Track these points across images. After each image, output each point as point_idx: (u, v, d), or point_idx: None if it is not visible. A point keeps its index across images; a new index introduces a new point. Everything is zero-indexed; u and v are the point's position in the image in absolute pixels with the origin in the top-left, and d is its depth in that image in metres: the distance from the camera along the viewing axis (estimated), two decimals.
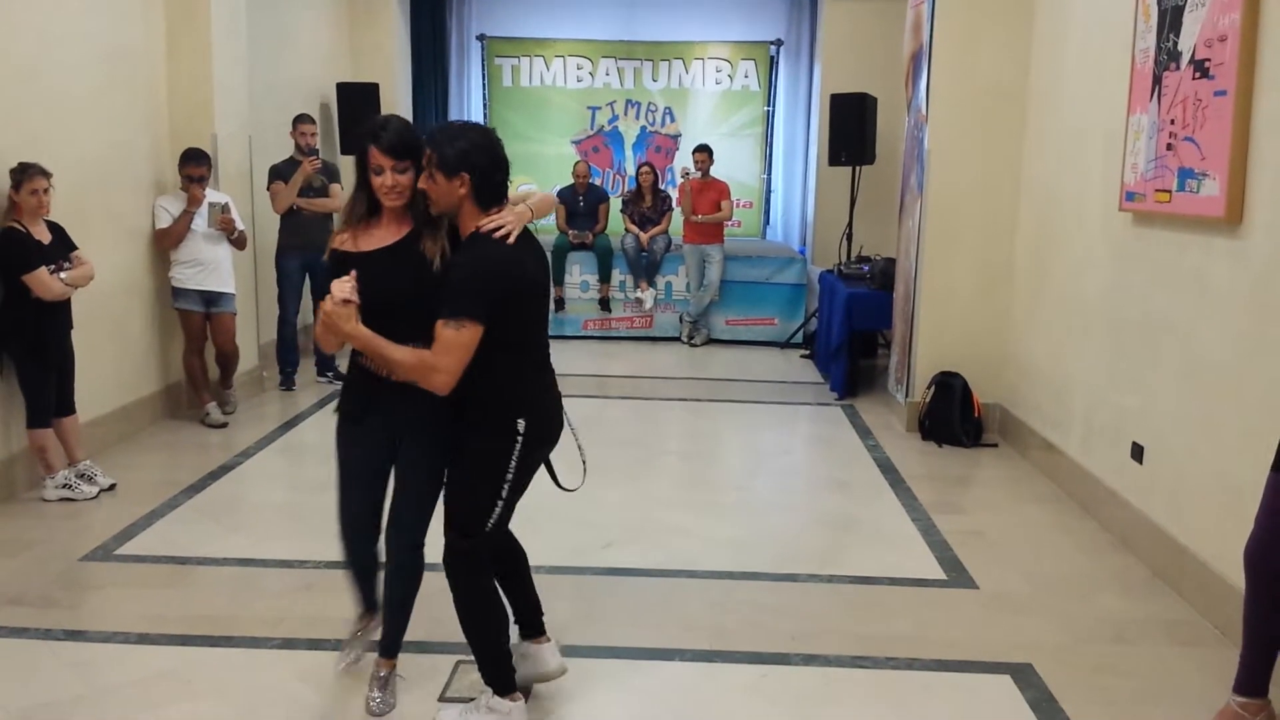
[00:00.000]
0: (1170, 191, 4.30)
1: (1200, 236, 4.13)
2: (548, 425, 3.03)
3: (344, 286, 2.82)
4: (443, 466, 3.06)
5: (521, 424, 2.91)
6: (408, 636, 3.34)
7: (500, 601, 3.10)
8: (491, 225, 2.84)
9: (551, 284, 3.13)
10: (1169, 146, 4.31)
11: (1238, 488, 3.73)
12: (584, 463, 3.20)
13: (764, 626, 3.86)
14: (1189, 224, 4.22)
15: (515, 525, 3.21)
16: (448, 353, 2.76)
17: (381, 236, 3.00)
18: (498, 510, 2.96)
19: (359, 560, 3.31)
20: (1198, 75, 4.08)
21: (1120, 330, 4.87)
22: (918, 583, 4.34)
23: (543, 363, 3.07)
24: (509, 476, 2.93)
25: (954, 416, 6.38)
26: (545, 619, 3.32)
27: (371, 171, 2.94)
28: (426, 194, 2.88)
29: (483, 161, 2.83)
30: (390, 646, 3.26)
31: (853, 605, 4.09)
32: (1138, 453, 4.64)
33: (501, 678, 3.06)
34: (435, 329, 2.76)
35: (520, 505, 3.11)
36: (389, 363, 2.86)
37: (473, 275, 2.80)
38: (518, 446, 2.91)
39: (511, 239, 2.84)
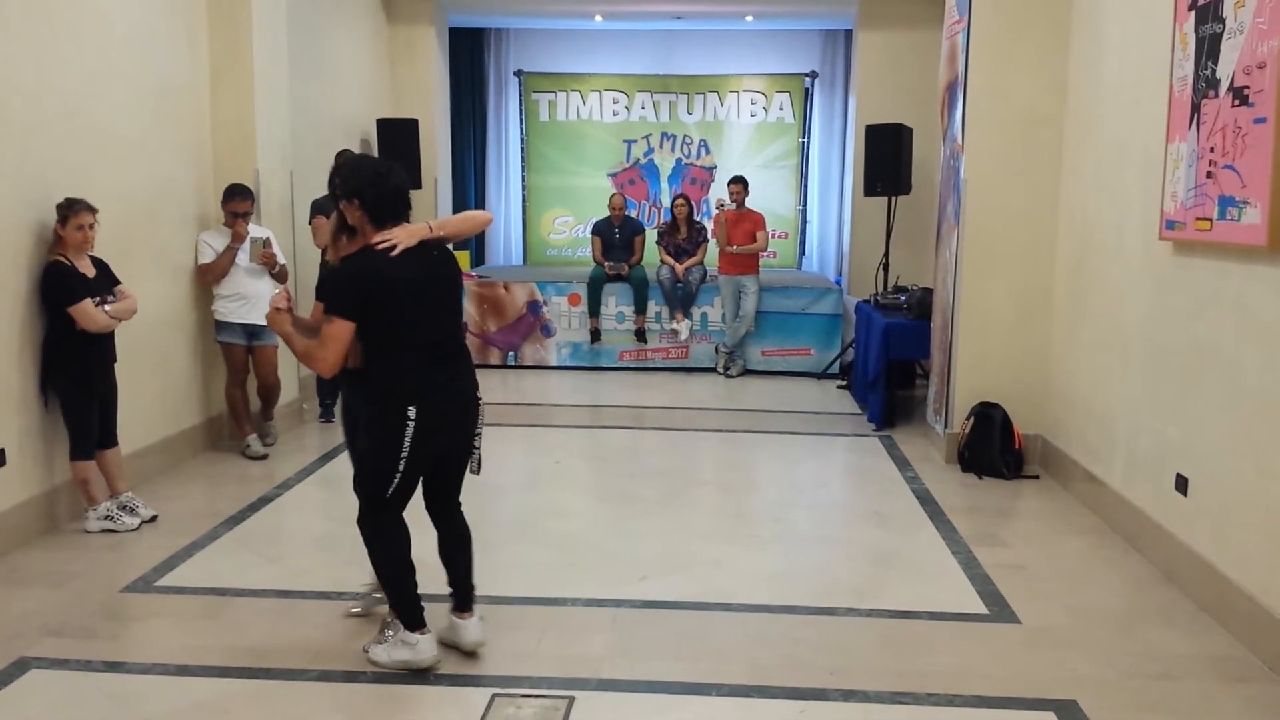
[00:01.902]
0: (1211, 220, 4.25)
1: (1242, 265, 4.08)
2: (438, 415, 3.48)
3: (278, 297, 3.62)
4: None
5: (412, 411, 3.41)
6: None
7: (405, 551, 3.64)
8: (379, 239, 3.41)
9: (455, 288, 3.65)
10: (1209, 174, 4.27)
11: None
12: (478, 460, 3.71)
13: (802, 661, 3.83)
14: (1230, 252, 4.17)
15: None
16: (323, 344, 3.37)
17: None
18: (395, 481, 3.51)
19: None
20: (1237, 103, 4.05)
21: (1162, 360, 4.81)
22: (958, 617, 4.28)
23: (439, 359, 3.50)
24: (404, 454, 3.45)
25: (994, 448, 6.31)
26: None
27: None
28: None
29: (367, 188, 3.44)
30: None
31: (892, 640, 4.05)
32: (1181, 484, 4.58)
33: (408, 615, 3.64)
34: None
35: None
36: (293, 351, 3.50)
37: (337, 279, 3.44)
38: (409, 429, 3.41)
39: (395, 251, 3.37)
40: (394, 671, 3.66)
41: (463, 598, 3.80)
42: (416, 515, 3.73)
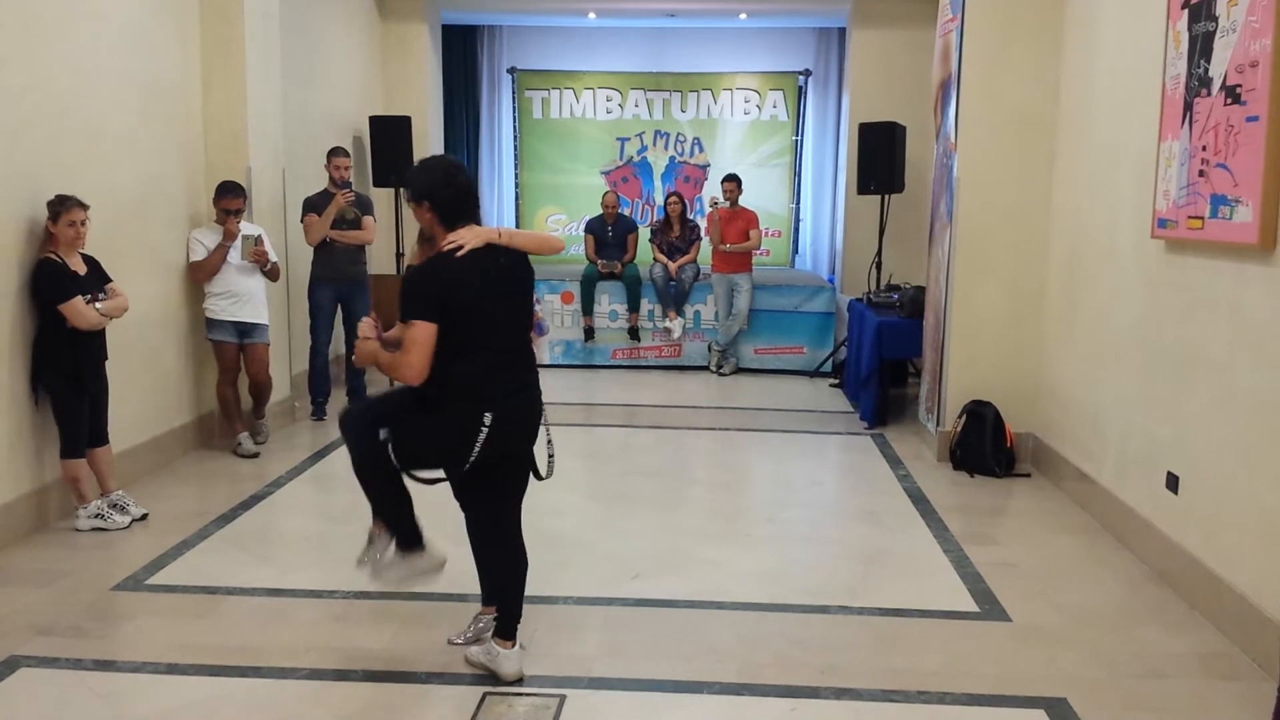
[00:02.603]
0: (1203, 218, 4.26)
1: (1234, 263, 4.09)
2: (510, 421, 3.43)
3: (365, 325, 3.57)
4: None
5: (488, 418, 3.34)
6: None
7: (399, 489, 3.53)
8: (447, 241, 3.37)
9: (524, 295, 3.58)
10: (1201, 173, 4.28)
11: (1275, 518, 3.67)
12: (551, 458, 3.64)
13: (794, 659, 3.83)
14: (1222, 251, 4.17)
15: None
16: (407, 349, 3.30)
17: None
18: (427, 472, 3.52)
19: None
20: (1229, 101, 4.06)
21: (1154, 358, 4.82)
22: (950, 615, 4.29)
23: (512, 364, 3.47)
24: (472, 458, 3.38)
25: (986, 446, 6.32)
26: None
27: None
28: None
29: (439, 189, 3.40)
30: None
31: (884, 638, 4.05)
32: (1173, 483, 4.58)
33: (408, 539, 3.59)
34: None
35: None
36: (381, 367, 3.44)
37: (412, 282, 3.38)
38: (482, 434, 3.34)
39: (461, 252, 3.32)
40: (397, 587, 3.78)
41: (506, 624, 3.61)
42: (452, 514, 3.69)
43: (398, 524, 3.57)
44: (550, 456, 3.64)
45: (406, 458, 3.45)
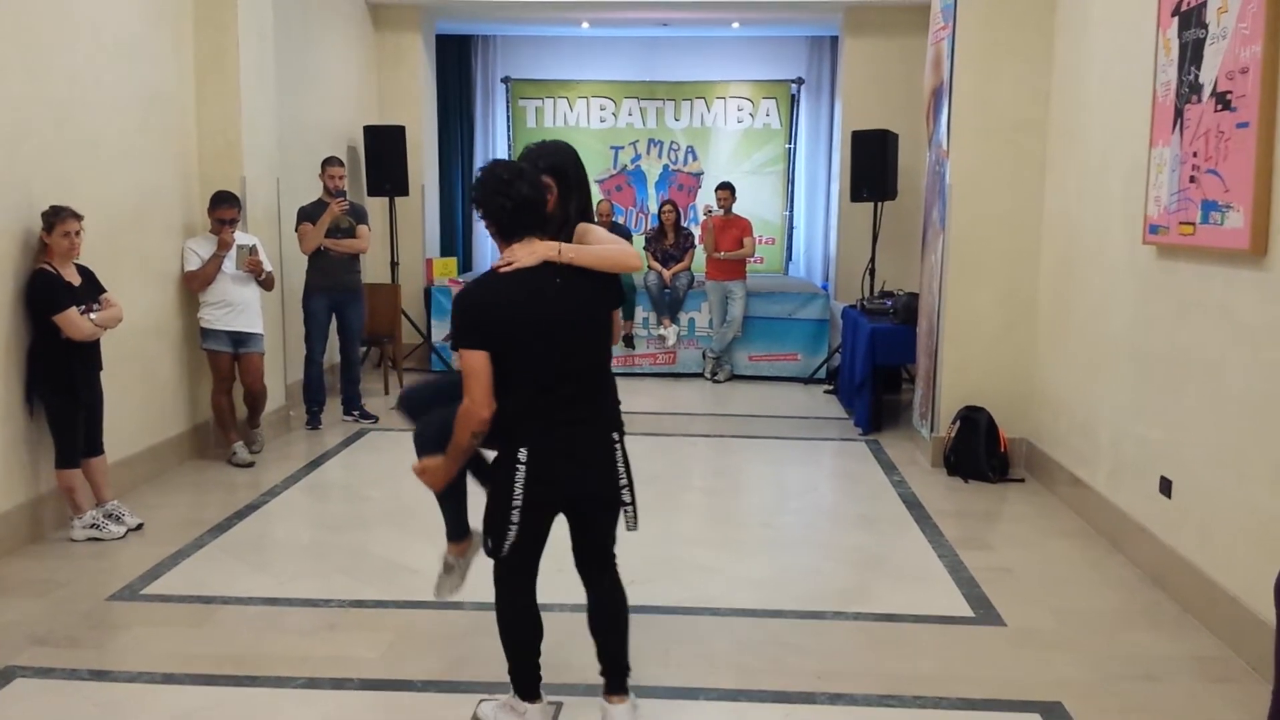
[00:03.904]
0: (1194, 224, 4.28)
1: (1225, 269, 4.11)
2: (556, 459, 3.07)
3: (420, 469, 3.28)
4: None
5: (523, 454, 3.02)
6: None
7: (525, 620, 3.27)
8: (501, 260, 3.06)
9: (587, 319, 3.14)
10: (1192, 179, 4.30)
11: (1268, 521, 3.69)
12: (628, 506, 3.29)
13: (789, 665, 3.83)
14: (1213, 256, 4.20)
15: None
16: (466, 387, 2.98)
17: None
18: (511, 534, 3.08)
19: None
20: (1220, 108, 4.08)
21: (1146, 363, 4.84)
22: (944, 620, 4.30)
23: (563, 397, 3.07)
24: (515, 502, 3.04)
25: (979, 451, 6.34)
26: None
27: None
28: None
29: (489, 198, 3.04)
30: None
31: (879, 643, 4.06)
32: (1166, 487, 4.60)
33: (518, 683, 3.30)
34: None
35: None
36: (456, 442, 3.07)
37: (455, 305, 3.06)
38: (519, 474, 3.02)
39: (509, 268, 3.00)
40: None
41: (615, 678, 3.34)
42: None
43: (455, 516, 3.51)
44: (626, 504, 3.27)
45: (489, 530, 3.17)
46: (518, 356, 3.00)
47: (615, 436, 3.22)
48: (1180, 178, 4.41)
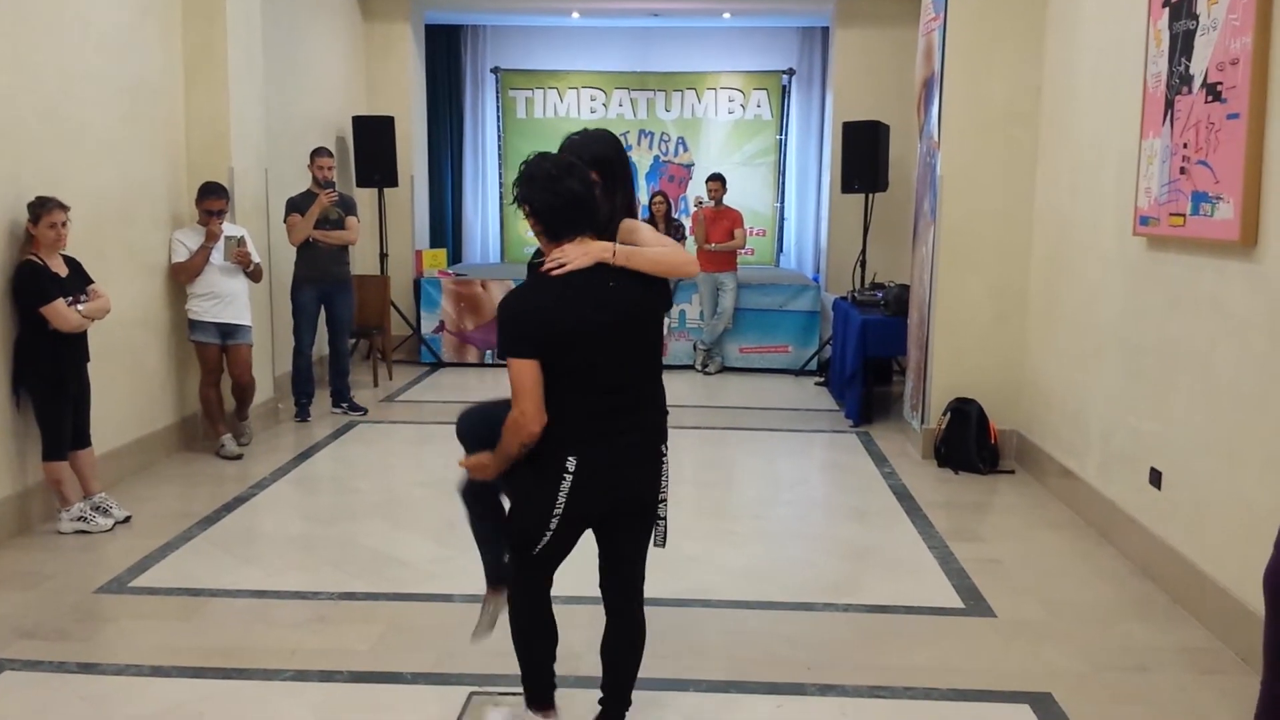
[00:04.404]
0: (1184, 215, 4.28)
1: (1215, 260, 4.11)
2: (604, 470, 2.89)
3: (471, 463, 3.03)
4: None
5: (572, 463, 2.84)
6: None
7: (542, 627, 3.14)
8: (549, 260, 2.85)
9: (641, 325, 2.95)
10: (1182, 170, 4.30)
11: (1258, 512, 3.69)
12: (660, 521, 3.10)
13: (780, 656, 3.83)
14: (1203, 247, 4.20)
15: None
16: (516, 397, 2.81)
17: None
18: (545, 539, 2.94)
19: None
20: (1210, 99, 4.08)
21: (1136, 355, 4.85)
22: (935, 611, 4.30)
23: (613, 406, 2.90)
24: (557, 510, 2.88)
25: (970, 443, 6.34)
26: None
27: None
28: None
29: (537, 194, 2.84)
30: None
31: (869, 635, 4.06)
32: (1156, 478, 4.61)
33: (530, 689, 3.17)
34: None
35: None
36: (503, 449, 2.90)
37: (502, 311, 2.89)
38: (565, 483, 2.85)
39: (560, 270, 2.80)
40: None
41: (615, 709, 3.18)
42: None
43: (492, 552, 3.30)
44: (660, 519, 3.09)
45: (521, 533, 3.03)
46: (570, 364, 2.82)
47: (663, 449, 3.03)
48: (1171, 169, 4.41)
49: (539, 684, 3.17)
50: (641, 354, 2.97)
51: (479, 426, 2.94)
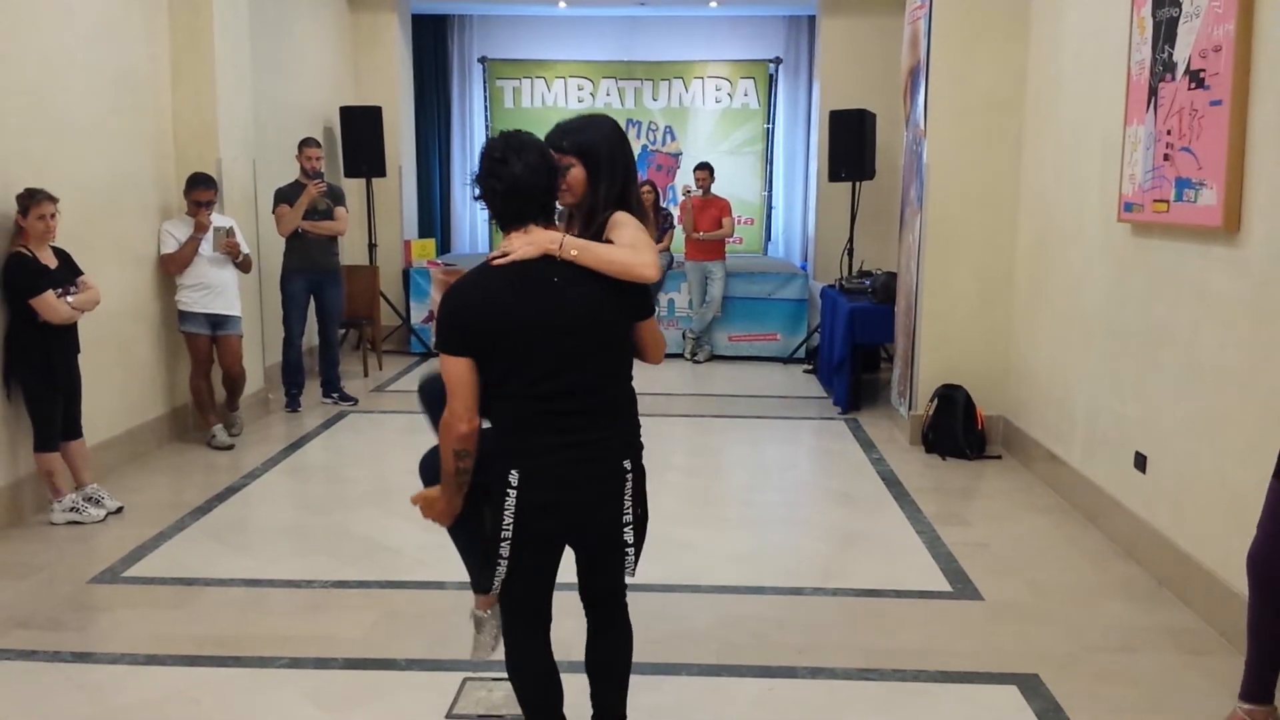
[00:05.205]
0: (1168, 201, 4.32)
1: (1199, 245, 4.15)
2: (553, 487, 2.62)
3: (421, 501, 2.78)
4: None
5: (514, 476, 2.59)
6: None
7: (537, 677, 2.83)
8: (496, 251, 2.64)
9: (591, 324, 2.64)
10: (1166, 157, 4.34)
11: (1241, 495, 3.74)
12: (629, 549, 2.77)
13: (770, 640, 3.87)
14: (1187, 233, 4.24)
15: None
16: (447, 391, 2.60)
17: None
18: (501, 569, 2.66)
19: None
20: (1193, 86, 4.12)
21: (1121, 340, 4.89)
22: (923, 595, 4.35)
23: (560, 413, 2.61)
24: (505, 534, 2.62)
25: (957, 429, 6.39)
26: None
27: None
28: None
29: (485, 181, 2.64)
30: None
31: (858, 618, 4.10)
32: (1140, 462, 4.65)
33: None
34: None
35: None
36: (446, 464, 2.67)
37: (440, 304, 2.66)
38: (509, 500, 2.59)
39: (502, 261, 2.58)
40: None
41: None
42: None
43: (475, 562, 2.94)
44: (628, 546, 2.76)
45: (479, 566, 2.83)
46: (506, 364, 2.58)
47: (626, 465, 2.70)
48: (1154, 155, 4.45)
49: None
50: (594, 359, 2.65)
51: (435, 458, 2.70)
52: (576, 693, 2.92)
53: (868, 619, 4.09)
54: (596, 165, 2.83)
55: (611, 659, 2.94)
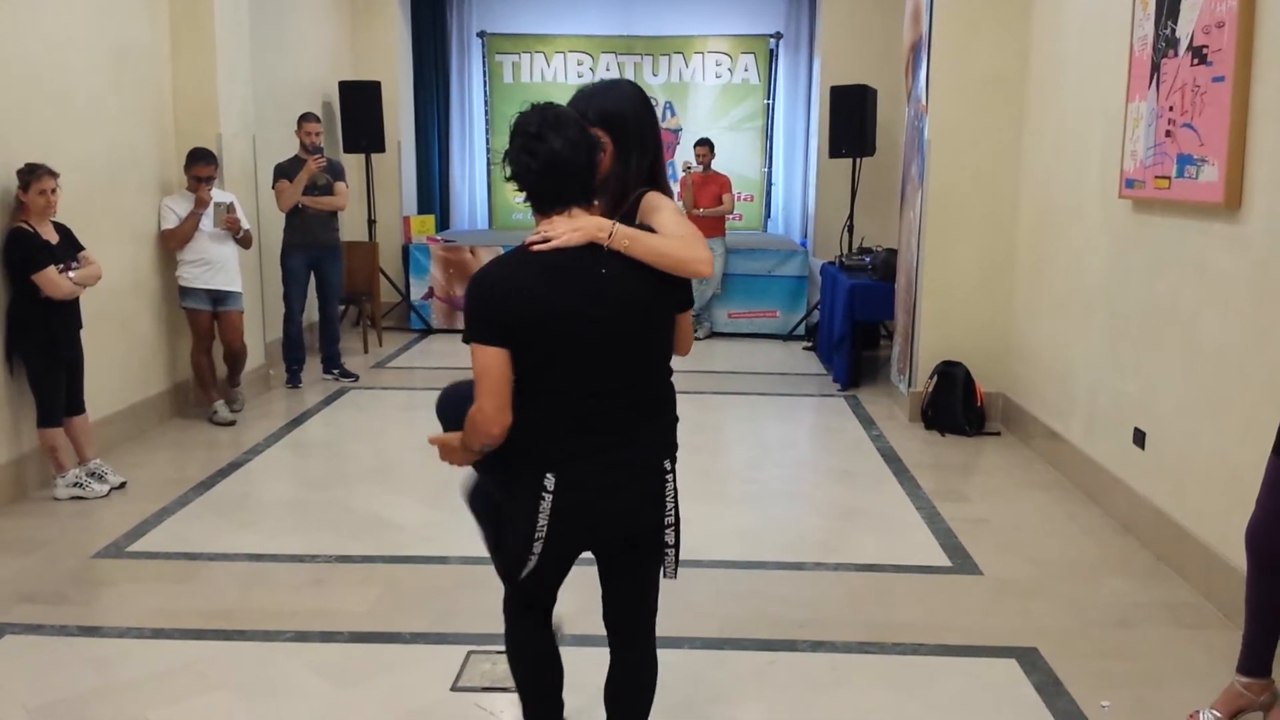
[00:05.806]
0: (1169, 178, 4.32)
1: (1200, 222, 4.16)
2: (590, 491, 2.47)
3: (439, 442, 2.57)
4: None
5: (550, 480, 2.42)
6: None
7: (541, 662, 2.78)
8: (533, 235, 2.39)
9: (635, 320, 2.45)
10: (1168, 133, 4.34)
11: (1240, 471, 3.76)
12: (670, 550, 2.69)
13: (771, 615, 3.90)
14: (1188, 210, 4.24)
15: None
16: (476, 390, 2.38)
17: None
18: (531, 564, 2.51)
19: None
20: (1196, 62, 4.11)
21: (1121, 317, 4.90)
22: (923, 570, 4.37)
23: (599, 413, 2.45)
24: (539, 535, 2.45)
25: (956, 405, 6.41)
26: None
27: None
28: None
29: (519, 158, 2.39)
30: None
31: (859, 593, 4.13)
32: (1140, 438, 4.68)
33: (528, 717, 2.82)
34: None
35: None
36: (465, 443, 2.48)
37: (469, 289, 2.43)
38: (545, 503, 2.42)
39: (544, 247, 2.34)
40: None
41: None
42: None
43: (529, 705, 2.82)
44: (669, 548, 2.65)
45: (505, 556, 2.64)
46: (544, 359, 2.38)
47: (667, 465, 2.61)
48: (1156, 132, 4.44)
49: (540, 714, 2.80)
50: (638, 355, 2.49)
51: (463, 406, 2.44)
52: (576, 673, 2.91)
53: (868, 593, 4.12)
54: (625, 134, 2.56)
55: (640, 691, 2.75)
